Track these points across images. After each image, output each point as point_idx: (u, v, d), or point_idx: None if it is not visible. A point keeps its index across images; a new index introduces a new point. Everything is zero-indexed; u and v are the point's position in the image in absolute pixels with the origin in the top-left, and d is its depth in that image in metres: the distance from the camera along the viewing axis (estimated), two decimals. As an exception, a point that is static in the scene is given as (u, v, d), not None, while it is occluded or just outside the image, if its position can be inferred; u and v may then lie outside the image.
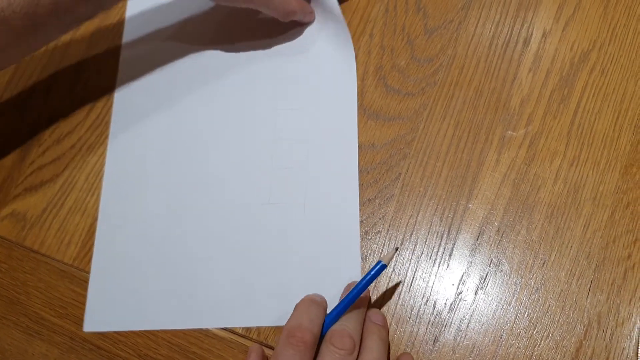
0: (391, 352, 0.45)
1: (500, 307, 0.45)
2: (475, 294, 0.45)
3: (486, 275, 0.46)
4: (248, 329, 0.47)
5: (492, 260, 0.46)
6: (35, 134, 0.55)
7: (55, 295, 0.50)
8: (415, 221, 0.48)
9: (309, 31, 0.55)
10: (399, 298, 0.46)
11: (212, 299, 0.48)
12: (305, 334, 0.40)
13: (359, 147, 0.50)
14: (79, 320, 0.49)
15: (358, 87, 0.52)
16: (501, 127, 0.49)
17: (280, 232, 0.48)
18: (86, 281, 0.50)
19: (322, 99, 0.52)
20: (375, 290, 0.46)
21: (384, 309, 0.46)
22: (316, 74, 0.53)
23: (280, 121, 0.52)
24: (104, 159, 0.54)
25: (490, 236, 0.46)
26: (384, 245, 0.47)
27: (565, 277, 0.45)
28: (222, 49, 0.55)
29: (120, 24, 0.58)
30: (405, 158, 0.50)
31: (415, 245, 0.47)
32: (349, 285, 0.46)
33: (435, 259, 0.47)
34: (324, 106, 0.52)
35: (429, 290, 0.46)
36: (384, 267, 0.43)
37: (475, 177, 0.48)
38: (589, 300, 0.44)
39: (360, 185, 0.49)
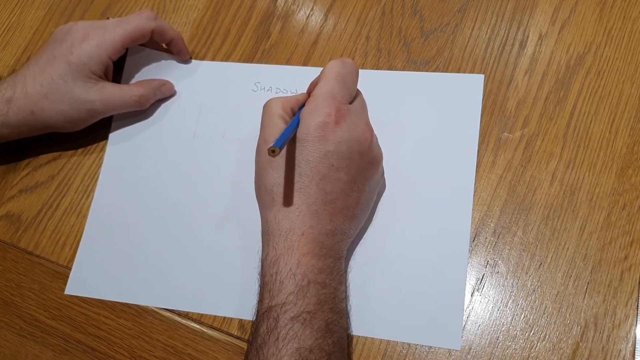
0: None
1: (496, 309, 0.44)
2: (472, 295, 0.45)
3: (482, 277, 0.45)
4: (243, 330, 0.46)
5: (488, 261, 0.46)
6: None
7: (49, 297, 0.50)
8: (412, 223, 0.48)
9: None
10: (395, 300, 0.46)
11: (195, 284, 0.48)
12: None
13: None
14: (74, 322, 0.48)
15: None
16: (497, 129, 0.49)
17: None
18: (81, 283, 0.50)
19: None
20: (371, 292, 0.46)
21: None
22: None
23: None
24: (99, 160, 0.54)
25: (486, 238, 0.46)
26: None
27: (561, 279, 0.45)
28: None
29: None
30: (401, 160, 0.50)
31: (411, 246, 0.47)
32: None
33: (432, 261, 0.46)
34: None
35: (425, 292, 0.46)
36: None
37: (471, 179, 0.48)
38: (585, 302, 0.44)
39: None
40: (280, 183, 0.42)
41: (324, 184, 0.42)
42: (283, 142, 0.39)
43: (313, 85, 0.45)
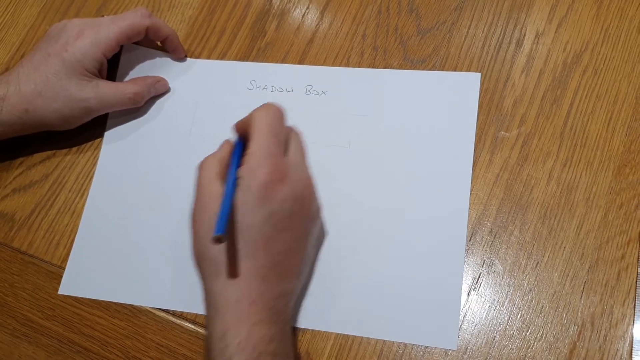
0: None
1: (493, 308, 0.44)
2: (468, 295, 0.45)
3: (479, 276, 0.45)
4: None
5: (484, 261, 0.45)
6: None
7: (43, 297, 0.49)
8: (408, 222, 0.47)
9: None
10: (391, 299, 0.46)
11: (189, 284, 0.47)
12: None
13: (352, 147, 0.50)
14: (67, 322, 0.48)
15: (350, 88, 0.52)
16: (494, 127, 0.49)
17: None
18: (75, 282, 0.49)
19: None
20: (367, 292, 0.46)
21: (376, 310, 0.45)
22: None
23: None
24: (94, 159, 0.53)
25: (483, 237, 0.46)
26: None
27: (558, 278, 0.44)
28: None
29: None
30: (397, 158, 0.49)
31: (407, 246, 0.47)
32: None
33: (428, 260, 0.46)
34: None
35: (422, 292, 0.45)
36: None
37: (468, 178, 0.48)
38: (582, 302, 0.44)
39: (353, 185, 0.49)
40: (223, 252, 0.40)
41: (271, 247, 0.40)
42: (225, 224, 0.37)
43: (239, 126, 0.44)
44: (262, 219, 0.39)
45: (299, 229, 0.42)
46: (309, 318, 0.46)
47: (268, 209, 0.39)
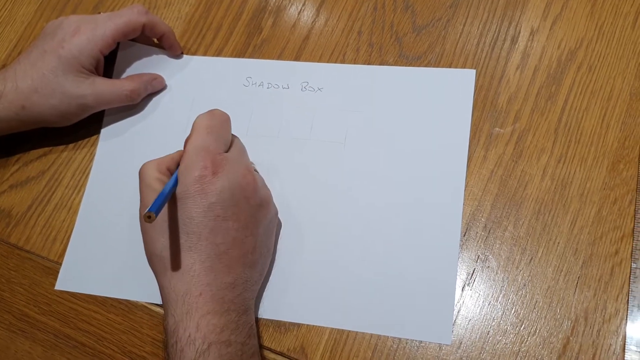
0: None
1: (487, 303, 0.44)
2: (462, 290, 0.45)
3: (473, 272, 0.45)
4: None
5: (479, 256, 0.46)
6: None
7: (39, 292, 0.49)
8: (403, 218, 0.48)
9: None
10: (385, 294, 0.46)
11: None
12: None
13: (347, 143, 0.50)
14: (63, 317, 0.48)
15: (346, 84, 0.52)
16: (489, 124, 0.49)
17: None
18: (71, 278, 0.49)
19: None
20: (362, 287, 0.46)
21: (371, 305, 0.46)
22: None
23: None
24: (90, 155, 0.54)
25: (477, 232, 0.46)
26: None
27: (552, 274, 0.44)
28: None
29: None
30: (392, 155, 0.49)
31: (402, 241, 0.47)
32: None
33: (423, 256, 0.46)
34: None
35: (416, 287, 0.46)
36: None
37: (462, 174, 0.48)
38: (576, 297, 0.44)
39: (348, 181, 0.49)
40: (167, 247, 0.41)
41: (214, 237, 0.40)
42: (159, 206, 0.38)
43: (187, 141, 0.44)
44: (201, 211, 0.40)
45: (245, 219, 0.42)
46: (303, 313, 0.46)
47: (205, 201, 0.40)
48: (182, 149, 0.44)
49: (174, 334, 0.39)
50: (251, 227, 0.43)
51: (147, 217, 0.37)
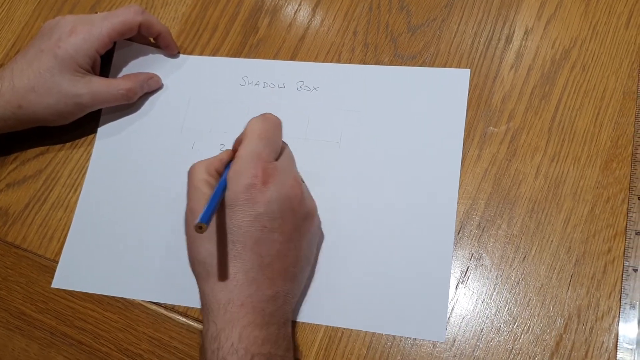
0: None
1: (480, 301, 0.45)
2: (456, 288, 0.45)
3: (467, 270, 0.46)
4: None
5: (472, 254, 0.46)
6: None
7: (36, 290, 0.50)
8: (397, 216, 0.48)
9: None
10: (380, 292, 0.46)
11: (181, 278, 0.48)
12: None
13: (342, 142, 0.50)
14: (60, 315, 0.49)
15: (341, 84, 0.52)
16: (483, 123, 0.49)
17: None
18: (67, 276, 0.50)
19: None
20: (357, 285, 0.46)
21: (366, 303, 0.46)
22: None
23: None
24: (87, 154, 0.54)
25: (471, 230, 0.47)
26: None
27: (545, 272, 0.45)
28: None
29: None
30: (387, 154, 0.50)
31: (397, 240, 0.47)
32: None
33: (417, 254, 0.47)
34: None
35: (410, 285, 0.46)
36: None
37: (457, 173, 0.48)
38: (569, 294, 0.44)
39: (343, 180, 0.49)
40: (213, 254, 0.40)
41: (259, 248, 0.40)
42: (209, 215, 0.37)
43: (238, 142, 0.44)
44: (248, 220, 0.40)
45: (290, 231, 0.41)
46: (298, 311, 0.46)
47: (254, 211, 0.40)
48: (230, 148, 0.44)
49: (215, 341, 0.39)
50: (295, 239, 0.42)
51: (198, 228, 0.36)
